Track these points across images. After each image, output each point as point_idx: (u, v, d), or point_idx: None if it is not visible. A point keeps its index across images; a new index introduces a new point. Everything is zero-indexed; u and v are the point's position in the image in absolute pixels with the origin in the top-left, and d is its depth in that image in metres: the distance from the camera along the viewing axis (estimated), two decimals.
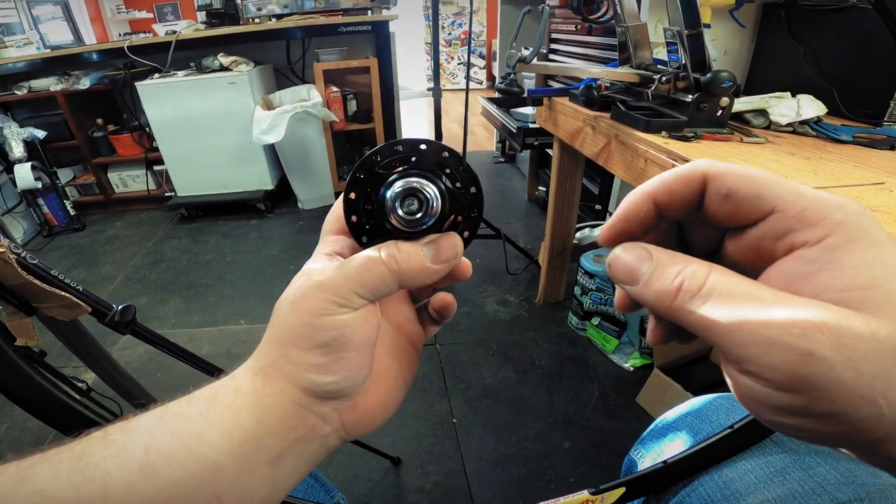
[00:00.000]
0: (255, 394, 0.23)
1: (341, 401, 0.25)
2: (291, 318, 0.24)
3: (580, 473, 1.13)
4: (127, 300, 2.00)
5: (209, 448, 0.21)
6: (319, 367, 0.23)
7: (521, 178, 2.90)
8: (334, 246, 0.28)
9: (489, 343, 1.58)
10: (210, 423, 0.22)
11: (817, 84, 1.10)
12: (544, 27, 1.01)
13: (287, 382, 0.23)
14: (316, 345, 0.23)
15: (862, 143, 0.84)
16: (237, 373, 0.25)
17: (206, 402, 0.23)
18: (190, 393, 0.24)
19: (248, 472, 0.22)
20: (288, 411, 0.23)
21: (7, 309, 0.45)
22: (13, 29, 2.92)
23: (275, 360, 0.24)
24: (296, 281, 0.25)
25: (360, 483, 1.14)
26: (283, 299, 0.25)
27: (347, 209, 0.26)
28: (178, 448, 0.21)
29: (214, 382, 0.24)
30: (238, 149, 2.54)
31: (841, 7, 1.05)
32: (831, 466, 0.36)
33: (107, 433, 0.22)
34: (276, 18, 2.43)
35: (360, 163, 0.25)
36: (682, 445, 0.46)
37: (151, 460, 0.20)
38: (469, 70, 1.65)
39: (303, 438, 0.24)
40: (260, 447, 0.22)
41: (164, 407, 0.23)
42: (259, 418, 0.23)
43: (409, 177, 0.25)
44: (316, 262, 0.26)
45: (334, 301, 0.23)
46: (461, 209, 0.26)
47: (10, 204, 2.55)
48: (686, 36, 0.83)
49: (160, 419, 0.22)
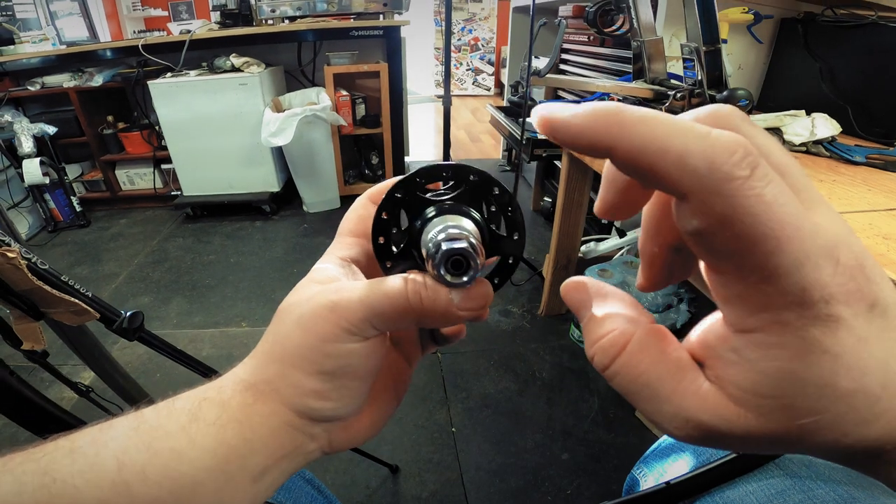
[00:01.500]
0: (245, 412, 0.22)
1: (334, 423, 0.24)
2: (296, 336, 0.22)
3: (577, 486, 1.13)
4: (129, 299, 2.01)
5: (189, 467, 0.20)
6: (319, 393, 0.22)
7: (527, 187, 2.90)
8: (350, 251, 0.26)
9: (491, 353, 1.57)
10: (191, 440, 0.20)
11: (832, 101, 1.09)
12: (559, 41, 1.01)
13: (282, 404, 0.22)
14: (319, 371, 0.22)
15: (875, 164, 0.84)
16: (224, 384, 0.23)
17: (188, 417, 0.21)
18: (169, 398, 0.22)
19: (229, 489, 0.21)
20: (277, 431, 0.22)
21: (14, 313, 0.45)
22: (30, 24, 2.93)
23: (270, 379, 0.22)
24: (304, 288, 0.24)
25: (357, 490, 1.13)
26: (288, 308, 0.23)
27: (377, 229, 0.24)
28: (154, 466, 0.19)
29: (198, 392, 0.23)
30: (246, 150, 2.55)
31: (860, 24, 1.04)
32: (830, 489, 0.36)
33: (74, 445, 0.20)
34: (289, 20, 2.45)
35: (400, 181, 0.23)
36: (685, 466, 0.45)
37: (125, 478, 0.19)
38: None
39: (288, 455, 0.23)
40: (244, 465, 0.21)
41: (138, 416, 0.21)
42: (246, 437, 0.21)
43: (451, 213, 0.23)
44: (328, 265, 0.25)
45: (346, 329, 0.22)
46: (498, 253, 0.24)
47: (17, 198, 2.57)
48: (704, 52, 0.83)
49: (135, 432, 0.20)
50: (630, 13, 0.97)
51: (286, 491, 0.46)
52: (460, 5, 6.13)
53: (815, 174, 0.79)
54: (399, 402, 0.29)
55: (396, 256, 0.24)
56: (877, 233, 0.57)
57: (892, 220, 0.62)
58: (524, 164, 3.23)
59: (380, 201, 0.24)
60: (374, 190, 0.27)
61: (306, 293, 0.23)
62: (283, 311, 0.23)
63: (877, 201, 0.68)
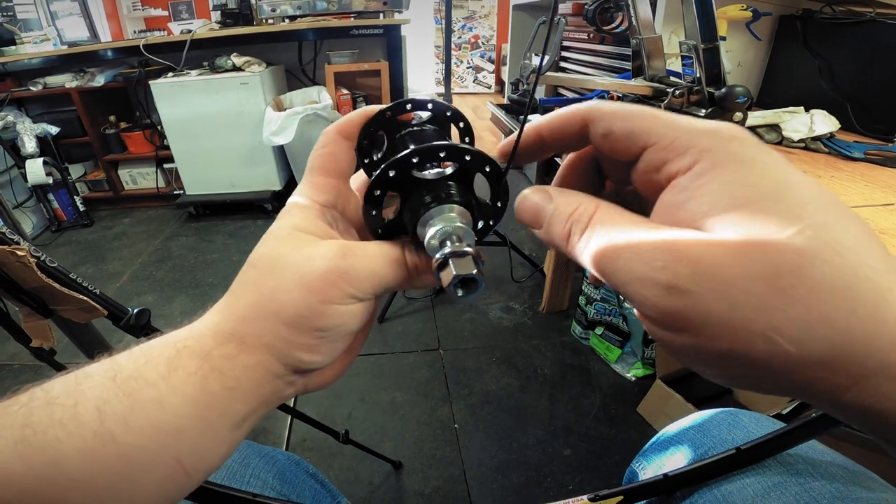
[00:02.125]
0: (228, 363, 0.21)
1: (315, 371, 0.25)
2: (296, 295, 0.22)
3: (579, 481, 1.13)
4: (134, 297, 2.02)
5: (171, 415, 0.20)
6: (311, 347, 0.22)
7: (528, 184, 2.89)
8: (327, 194, 0.26)
9: (492, 350, 1.58)
10: (172, 388, 0.20)
11: (831, 98, 1.09)
12: (559, 38, 1.01)
13: (269, 355, 0.22)
14: (316, 328, 0.22)
15: (874, 160, 0.84)
16: (204, 332, 0.23)
17: (167, 366, 0.21)
18: (144, 344, 0.22)
19: (210, 436, 0.21)
20: (261, 381, 0.22)
21: (23, 310, 0.45)
22: (31, 25, 2.94)
23: (260, 333, 0.22)
24: (292, 240, 0.24)
25: (361, 486, 1.14)
26: (282, 261, 0.23)
27: (369, 203, 0.24)
28: (136, 414, 0.19)
29: (174, 338, 0.22)
30: (248, 149, 2.56)
31: (859, 21, 1.04)
32: (827, 482, 0.37)
33: (50, 396, 0.19)
34: (290, 20, 2.45)
35: (394, 161, 0.23)
36: (683, 459, 0.46)
37: (107, 427, 0.19)
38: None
39: (267, 402, 0.23)
40: (225, 412, 0.21)
41: (114, 364, 0.21)
42: (229, 387, 0.21)
43: (451, 201, 0.23)
44: (309, 217, 0.25)
45: (352, 294, 0.22)
46: (482, 216, 0.26)
47: (21, 198, 2.58)
48: (702, 50, 0.83)
49: (113, 381, 0.20)
50: (629, 11, 0.98)
51: (290, 485, 0.47)
52: (460, 3, 6.11)
53: (814, 170, 0.80)
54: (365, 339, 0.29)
55: (388, 225, 0.25)
56: (873, 227, 0.57)
57: (889, 215, 0.63)
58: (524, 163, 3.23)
59: (352, 138, 0.26)
60: (343, 121, 0.27)
61: (305, 252, 0.23)
62: (273, 263, 0.23)
63: (874, 196, 0.69)
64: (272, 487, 0.44)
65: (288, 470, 0.48)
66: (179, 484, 0.21)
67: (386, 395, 1.40)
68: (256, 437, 1.30)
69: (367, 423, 1.31)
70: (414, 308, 1.81)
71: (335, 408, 1.37)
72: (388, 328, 1.70)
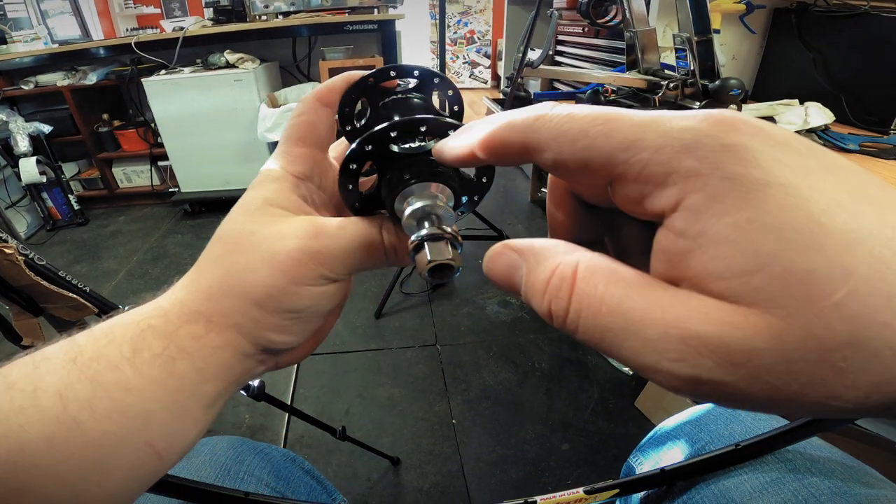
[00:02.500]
0: (196, 343, 0.20)
1: (286, 351, 0.24)
2: (265, 274, 0.21)
3: (577, 476, 1.14)
4: (129, 296, 2.01)
5: (137, 398, 0.19)
6: (281, 328, 0.22)
7: (525, 178, 2.90)
8: (302, 166, 0.25)
9: (490, 344, 1.58)
10: (138, 371, 0.19)
11: (825, 90, 1.09)
12: (552, 32, 1.01)
13: (238, 335, 0.21)
14: (287, 309, 0.21)
15: (869, 152, 0.84)
16: (169, 310, 0.21)
17: (131, 347, 0.20)
18: (105, 323, 0.21)
19: (182, 419, 0.20)
20: (230, 360, 0.21)
21: (14, 309, 0.45)
22: (21, 24, 2.92)
23: (228, 312, 0.21)
24: (263, 213, 0.22)
25: (359, 482, 1.14)
26: (249, 239, 0.22)
27: (345, 177, 0.23)
28: (101, 399, 0.18)
29: (137, 317, 0.21)
30: (242, 146, 2.55)
31: (853, 14, 1.04)
32: (825, 477, 0.37)
33: (8, 381, 0.18)
34: (283, 16, 2.43)
35: (371, 134, 0.22)
36: (680, 454, 0.46)
37: (71, 413, 0.18)
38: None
39: (238, 381, 0.22)
40: (195, 394, 0.20)
41: (73, 345, 0.20)
42: (198, 368, 0.20)
43: (433, 179, 0.22)
44: (281, 190, 0.24)
45: (324, 275, 0.22)
46: (465, 192, 0.24)
47: (15, 198, 2.56)
48: (696, 42, 0.83)
49: (73, 364, 0.19)
50: (622, 4, 0.98)
51: (285, 482, 0.46)
52: None
53: None
54: (336, 318, 0.28)
55: (365, 199, 0.24)
56: None
57: None
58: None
59: (332, 105, 0.25)
60: (323, 88, 0.26)
61: (275, 228, 0.22)
62: (242, 239, 0.22)
63: None
64: (267, 484, 0.44)
65: (283, 466, 0.48)
66: (152, 467, 0.20)
67: (383, 391, 1.40)
68: (254, 434, 1.29)
69: (364, 420, 1.31)
70: (411, 303, 1.80)
71: (333, 404, 1.37)
72: (384, 324, 1.70)
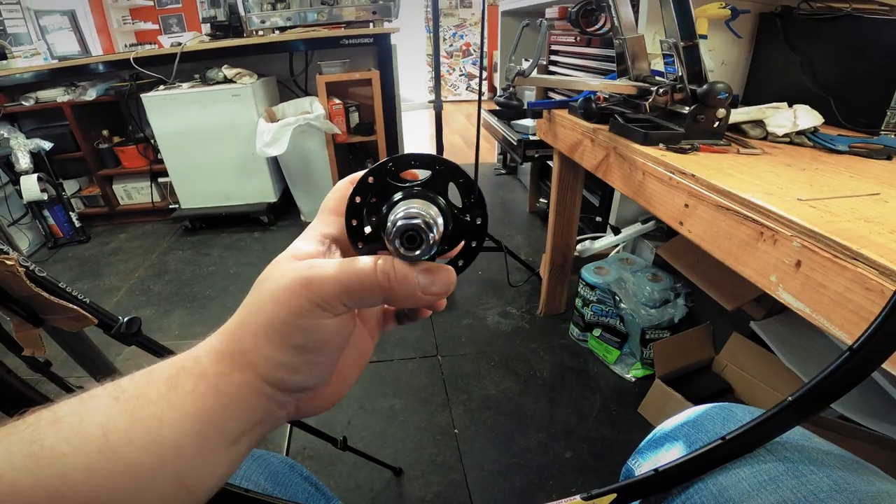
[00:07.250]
0: (222, 380, 0.23)
1: (303, 392, 0.26)
2: (270, 309, 0.23)
3: (582, 483, 1.13)
4: (131, 312, 2.00)
5: (170, 431, 0.21)
6: (290, 366, 0.24)
7: (523, 189, 2.91)
8: (331, 228, 0.28)
9: (491, 354, 1.58)
10: (172, 407, 0.21)
11: (814, 93, 1.11)
12: (543, 40, 1.02)
13: (255, 374, 0.23)
14: (291, 345, 0.23)
15: (859, 153, 0.85)
16: (200, 354, 0.24)
17: (167, 386, 0.22)
18: (145, 369, 0.24)
19: (208, 453, 0.22)
20: (251, 399, 0.23)
21: (14, 320, 0.46)
22: (21, 39, 2.96)
23: (245, 350, 0.23)
24: (282, 263, 0.25)
25: (361, 493, 1.13)
26: (266, 280, 0.25)
27: (350, 212, 0.26)
28: (138, 431, 0.21)
29: (174, 362, 0.24)
30: (241, 161, 2.56)
31: (835, 16, 1.06)
32: (824, 474, 0.36)
33: (57, 416, 0.21)
34: (280, 31, 2.47)
35: (372, 168, 0.25)
36: (678, 455, 0.46)
37: (111, 443, 0.20)
38: (480, 89, 1.67)
39: (261, 422, 0.24)
40: (221, 430, 0.23)
41: (116, 386, 0.22)
42: (224, 404, 0.23)
43: (417, 197, 0.25)
44: (307, 243, 0.27)
45: (319, 304, 0.23)
46: (463, 237, 0.26)
47: (16, 215, 2.58)
48: (682, 48, 0.84)
49: (116, 401, 0.21)
50: (611, 12, 0.99)
51: (282, 487, 0.46)
52: (451, 11, 6.17)
53: (798, 163, 0.80)
54: (361, 372, 0.31)
55: (368, 238, 0.26)
56: (858, 216, 0.58)
57: (875, 205, 0.63)
58: (519, 166, 3.25)
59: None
60: (356, 174, 0.29)
61: (283, 268, 0.25)
62: (259, 283, 0.25)
63: (859, 187, 0.69)
64: (263, 489, 0.44)
65: (281, 472, 0.48)
66: (181, 500, 0.22)
67: (385, 402, 1.39)
68: (256, 445, 1.29)
69: (366, 431, 1.31)
70: None
71: (334, 416, 1.36)
72: (385, 336, 1.68)
